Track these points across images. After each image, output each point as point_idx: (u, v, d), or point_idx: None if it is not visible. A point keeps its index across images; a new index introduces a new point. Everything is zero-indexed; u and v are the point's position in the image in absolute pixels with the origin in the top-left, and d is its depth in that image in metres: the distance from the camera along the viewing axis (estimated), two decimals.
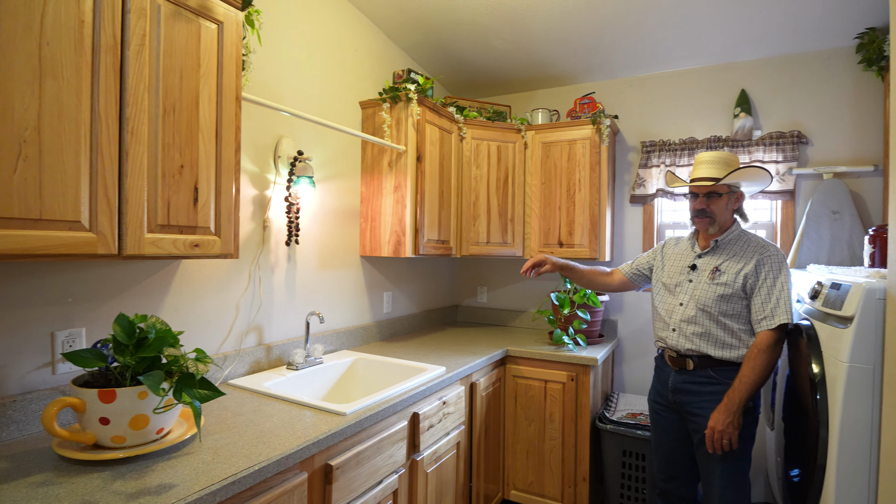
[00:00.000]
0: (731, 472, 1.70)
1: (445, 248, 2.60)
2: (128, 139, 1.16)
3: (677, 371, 1.85)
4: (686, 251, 1.95)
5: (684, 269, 1.90)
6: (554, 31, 2.52)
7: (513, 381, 2.54)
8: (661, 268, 2.01)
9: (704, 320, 1.78)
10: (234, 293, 1.81)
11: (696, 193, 1.86)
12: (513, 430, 2.53)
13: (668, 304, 1.91)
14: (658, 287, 1.99)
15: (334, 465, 1.35)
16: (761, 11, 2.24)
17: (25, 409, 1.25)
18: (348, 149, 2.41)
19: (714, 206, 1.82)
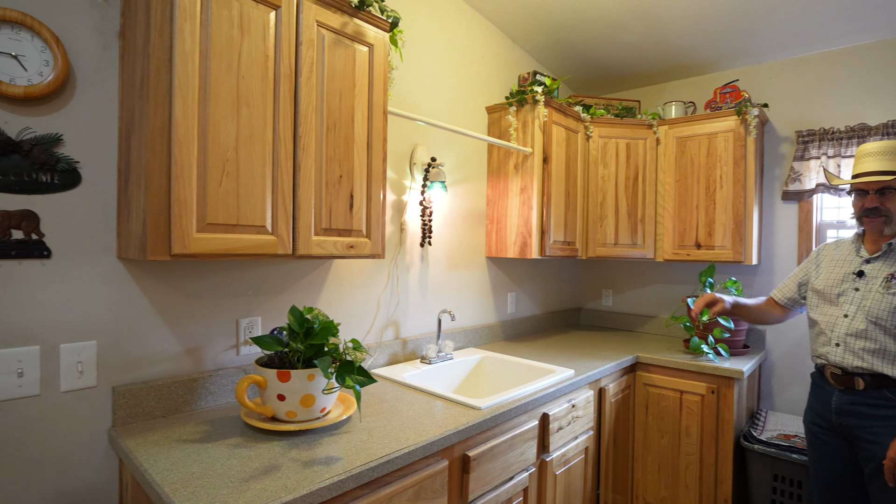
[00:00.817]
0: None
1: (571, 250, 2.57)
2: (300, 154, 1.34)
3: (843, 391, 1.64)
4: (849, 255, 1.71)
5: (848, 275, 1.68)
6: (690, 17, 2.36)
7: (643, 390, 2.42)
8: (816, 275, 1.79)
9: (878, 335, 1.57)
10: (375, 290, 1.98)
11: (865, 190, 1.63)
12: (643, 440, 2.42)
13: (828, 316, 1.70)
14: (813, 296, 1.77)
15: (472, 455, 1.41)
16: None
17: (217, 383, 1.49)
18: (475, 153, 2.49)
19: (890, 204, 1.60)
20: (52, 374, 1.21)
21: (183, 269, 1.43)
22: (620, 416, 2.34)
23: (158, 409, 1.36)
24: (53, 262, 1.21)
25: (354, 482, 1.08)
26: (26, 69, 1.17)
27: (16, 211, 1.16)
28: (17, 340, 1.16)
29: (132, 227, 1.19)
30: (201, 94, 1.15)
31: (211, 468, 1.07)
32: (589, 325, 3.31)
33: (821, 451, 1.73)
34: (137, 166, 1.17)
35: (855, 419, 1.61)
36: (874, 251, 1.66)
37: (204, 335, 1.48)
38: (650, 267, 3.11)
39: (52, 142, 1.21)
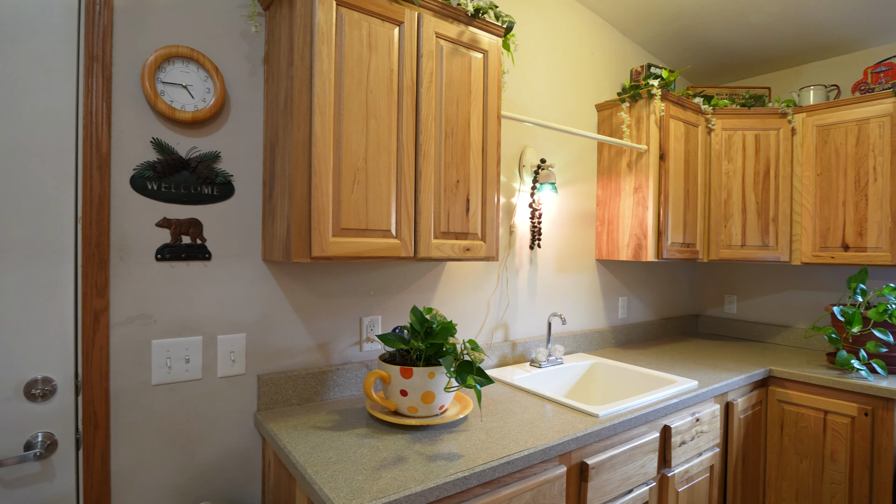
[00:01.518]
0: None
1: (691, 252, 2.40)
2: (421, 161, 1.40)
3: None
4: None
5: None
6: None
7: (778, 407, 2.19)
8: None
9: None
10: (485, 292, 2.01)
11: None
12: (777, 463, 2.19)
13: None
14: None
15: (590, 463, 1.38)
16: None
17: (344, 376, 1.61)
18: (584, 153, 2.42)
19: None
20: (210, 361, 1.38)
21: (315, 271, 1.56)
22: (750, 434, 2.14)
23: (294, 398, 1.50)
24: (213, 263, 1.39)
25: (477, 480, 1.11)
26: (193, 97, 1.35)
27: (185, 219, 1.35)
28: (185, 331, 1.34)
29: (276, 232, 1.32)
30: (336, 109, 1.25)
31: (345, 455, 1.16)
32: (709, 334, 3.07)
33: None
34: (281, 178, 1.30)
35: None
36: None
37: (332, 331, 1.60)
38: (783, 271, 2.80)
39: (213, 158, 1.38)
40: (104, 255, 1.22)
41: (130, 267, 1.27)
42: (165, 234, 1.32)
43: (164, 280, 1.32)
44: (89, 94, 1.20)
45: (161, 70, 1.31)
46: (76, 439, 1.21)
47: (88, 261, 1.20)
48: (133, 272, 1.28)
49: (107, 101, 1.23)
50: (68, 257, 1.20)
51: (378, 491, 0.99)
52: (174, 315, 1.33)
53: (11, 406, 1.14)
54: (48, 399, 1.18)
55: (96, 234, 1.21)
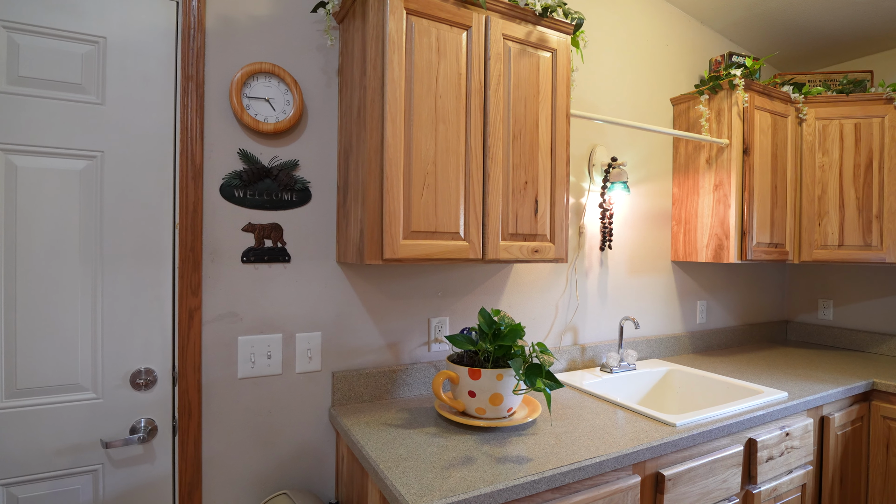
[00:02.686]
0: None
1: (780, 253, 2.22)
2: (489, 163, 1.40)
3: None
4: None
5: None
6: None
7: (883, 424, 1.98)
8: None
9: None
10: (553, 295, 1.97)
11: None
12: (882, 486, 1.97)
13: None
14: None
15: (667, 475, 1.32)
16: None
17: (413, 376, 1.64)
18: (659, 149, 2.32)
19: None
20: (289, 357, 1.47)
21: (386, 272, 1.61)
22: (850, 452, 1.95)
23: (366, 395, 1.55)
24: (292, 265, 1.47)
25: (546, 484, 1.10)
26: (274, 109, 1.44)
27: (267, 224, 1.44)
28: (267, 329, 1.43)
29: (350, 235, 1.38)
30: (406, 115, 1.28)
31: (415, 452, 1.19)
32: (800, 342, 2.83)
33: None
34: (355, 183, 1.35)
35: None
36: None
37: (402, 331, 1.64)
38: (889, 273, 2.53)
39: (292, 167, 1.47)
40: (197, 258, 1.33)
41: (220, 268, 1.38)
42: (250, 238, 1.42)
43: (249, 280, 1.41)
44: (185, 110, 1.32)
45: (246, 86, 1.41)
46: (173, 426, 1.33)
47: (184, 263, 1.31)
48: (222, 273, 1.38)
49: (200, 117, 1.34)
50: (167, 260, 1.32)
51: (448, 489, 1.01)
52: (257, 313, 1.42)
53: (120, 393, 1.27)
54: (150, 388, 1.30)
55: (191, 238, 1.32)
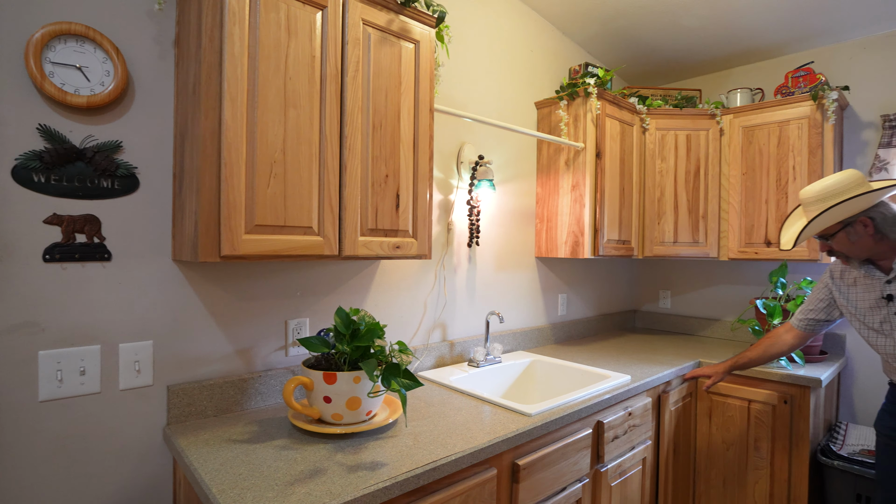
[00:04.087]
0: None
1: (626, 249, 2.44)
2: (346, 154, 1.32)
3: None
4: (868, 277, 1.54)
5: (878, 300, 1.54)
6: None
7: (707, 398, 2.27)
8: (847, 303, 1.63)
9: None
10: (422, 292, 1.95)
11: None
12: (706, 452, 2.26)
13: (887, 347, 1.56)
14: (859, 327, 1.62)
15: (522, 464, 1.35)
16: None
17: (267, 384, 1.51)
18: (524, 150, 2.42)
19: (837, 246, 1.52)
20: (111, 372, 1.26)
21: (234, 271, 1.45)
22: (681, 425, 2.20)
23: (210, 409, 1.39)
24: (113, 264, 1.26)
25: (399, 489, 1.05)
26: (89, 80, 1.22)
27: (79, 216, 1.21)
28: (80, 340, 1.21)
29: (185, 229, 1.21)
30: (250, 96, 1.16)
31: (258, 469, 1.07)
32: (645, 329, 3.16)
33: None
34: (190, 170, 1.19)
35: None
36: (888, 268, 1.50)
37: (254, 336, 1.50)
38: (713, 266, 2.92)
39: (113, 149, 1.25)
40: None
41: (13, 269, 1.13)
42: (56, 231, 1.18)
43: (55, 283, 1.18)
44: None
45: (50, 49, 1.17)
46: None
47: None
48: (16, 275, 1.13)
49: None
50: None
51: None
52: (67, 322, 1.19)
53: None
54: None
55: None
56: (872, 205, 1.46)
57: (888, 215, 1.46)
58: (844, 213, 1.46)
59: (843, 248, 1.53)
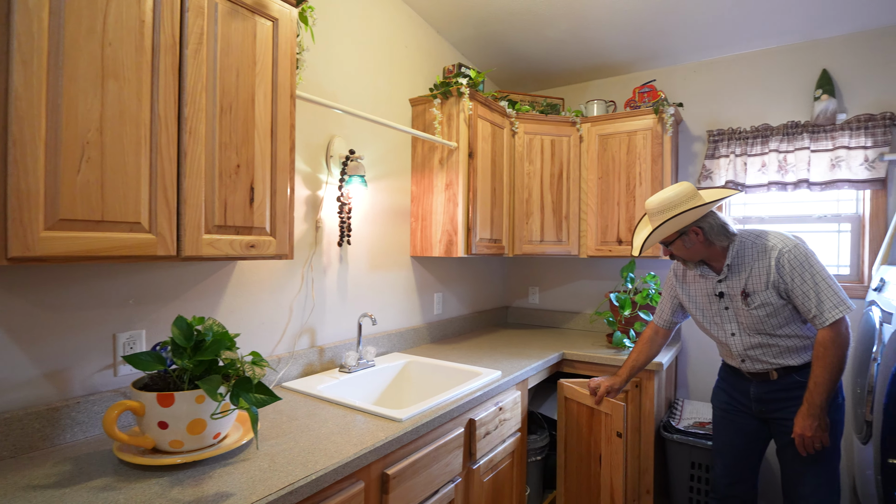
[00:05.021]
0: (824, 472, 1.64)
1: (498, 248, 2.51)
2: (186, 139, 1.14)
3: (760, 382, 1.75)
4: (705, 277, 1.79)
5: (712, 298, 1.78)
6: (612, 17, 2.38)
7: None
8: (688, 298, 1.87)
9: (767, 340, 1.69)
10: (287, 295, 1.80)
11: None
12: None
13: (720, 335, 1.80)
14: (700, 319, 1.86)
15: (391, 473, 1.29)
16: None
17: (89, 411, 1.26)
18: (398, 147, 2.36)
19: (675, 251, 1.75)
20: None
21: (40, 276, 1.19)
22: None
23: (6, 449, 1.11)
24: None
25: None
26: None
27: None
28: None
29: None
30: (52, 60, 0.94)
31: None
32: (517, 324, 3.30)
33: (733, 429, 1.82)
34: None
35: (773, 404, 1.72)
36: (720, 269, 1.74)
37: (70, 354, 1.24)
38: (575, 263, 3.14)
39: None
40: None
41: None
42: None
43: None
44: None
45: None
46: None
47: None
48: None
49: None
50: None
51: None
52: None
53: None
54: None
55: None
56: (701, 216, 1.66)
57: (715, 225, 1.67)
58: (679, 224, 1.65)
59: (681, 253, 1.73)
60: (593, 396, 1.93)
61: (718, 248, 1.70)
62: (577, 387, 2.02)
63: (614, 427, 1.81)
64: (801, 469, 1.67)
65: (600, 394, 1.89)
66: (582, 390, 1.97)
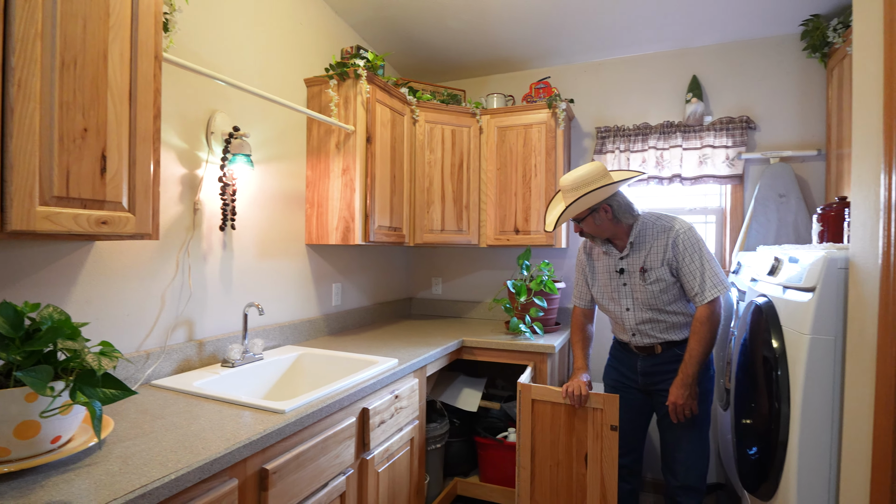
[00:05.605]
0: (697, 438, 1.80)
1: (398, 236, 2.48)
2: (13, 93, 0.97)
3: (646, 356, 1.89)
4: (609, 255, 1.92)
5: (614, 274, 1.91)
6: (511, 12, 2.43)
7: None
8: (593, 276, 2.00)
9: (657, 316, 1.83)
10: (158, 283, 1.62)
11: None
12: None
13: (616, 312, 1.93)
14: (597, 294, 1.99)
15: (270, 468, 1.20)
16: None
17: None
18: (292, 129, 2.24)
19: (586, 228, 1.86)
20: None
21: None
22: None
23: None
24: None
25: None
26: None
27: None
28: None
29: None
30: None
31: None
32: (420, 315, 3.29)
33: (624, 403, 1.95)
34: None
35: (657, 377, 1.87)
36: (623, 247, 1.88)
37: None
38: (476, 253, 3.20)
39: None
40: None
41: None
42: None
43: None
44: None
45: None
46: None
47: None
48: None
49: None
50: None
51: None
52: None
53: None
54: None
55: None
56: (611, 195, 1.78)
57: (622, 204, 1.80)
58: (592, 200, 1.75)
59: (590, 230, 1.84)
60: (570, 400, 1.81)
61: (624, 226, 1.83)
62: (547, 389, 1.89)
63: (607, 421, 1.75)
64: (678, 435, 1.83)
65: (584, 393, 1.78)
66: (557, 389, 1.86)
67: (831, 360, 1.20)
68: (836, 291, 1.20)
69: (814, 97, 2.45)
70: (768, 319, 1.49)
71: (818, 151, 2.41)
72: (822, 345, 1.21)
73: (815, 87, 2.45)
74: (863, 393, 1.11)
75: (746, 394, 1.71)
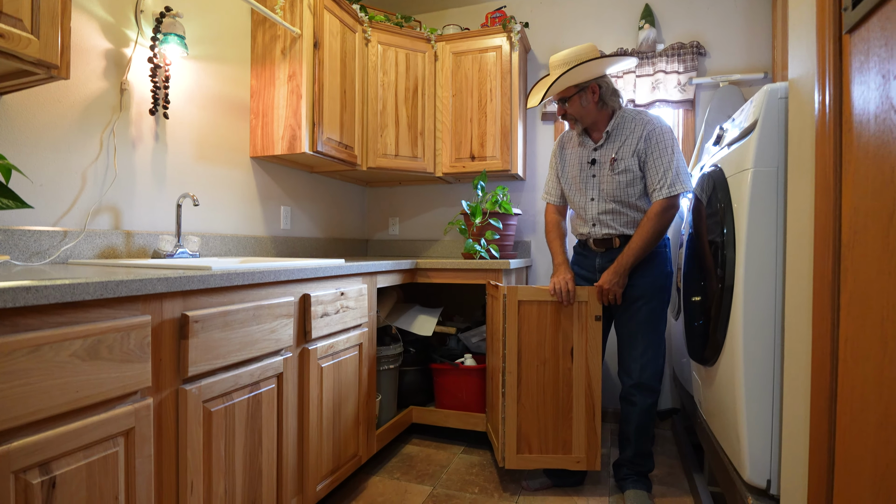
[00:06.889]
0: (652, 335, 1.81)
1: (349, 154, 2.39)
2: None
3: (603, 252, 1.90)
4: (583, 146, 1.91)
5: (585, 165, 1.90)
6: None
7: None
8: (563, 168, 1.99)
9: (619, 208, 1.84)
10: (78, 159, 1.50)
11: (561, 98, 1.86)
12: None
13: (580, 202, 1.92)
14: (566, 186, 1.97)
15: (192, 316, 1.12)
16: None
17: None
18: (235, 29, 2.12)
19: (570, 109, 1.84)
20: None
21: None
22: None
23: None
24: None
25: None
26: None
27: None
28: None
29: None
30: None
31: None
32: (377, 255, 3.21)
33: None
34: None
35: None
36: (598, 139, 1.87)
37: None
38: (433, 191, 3.14)
39: None
40: None
41: None
42: None
43: None
44: None
45: None
46: None
47: None
48: None
49: None
50: None
51: None
52: None
53: None
54: None
55: None
56: (602, 74, 1.78)
57: (610, 86, 1.80)
58: (581, 76, 1.73)
59: (575, 111, 1.81)
60: (558, 297, 1.84)
61: (606, 113, 1.82)
62: (534, 289, 1.89)
63: (591, 312, 1.81)
64: (633, 331, 1.83)
65: (572, 289, 1.82)
66: (544, 288, 1.88)
67: (774, 191, 1.19)
68: (776, 121, 1.19)
69: (760, 22, 2.50)
70: (716, 182, 1.49)
71: (765, 74, 2.46)
72: (764, 177, 1.20)
73: (761, 11, 2.50)
74: (804, 225, 1.10)
75: (695, 275, 1.73)
